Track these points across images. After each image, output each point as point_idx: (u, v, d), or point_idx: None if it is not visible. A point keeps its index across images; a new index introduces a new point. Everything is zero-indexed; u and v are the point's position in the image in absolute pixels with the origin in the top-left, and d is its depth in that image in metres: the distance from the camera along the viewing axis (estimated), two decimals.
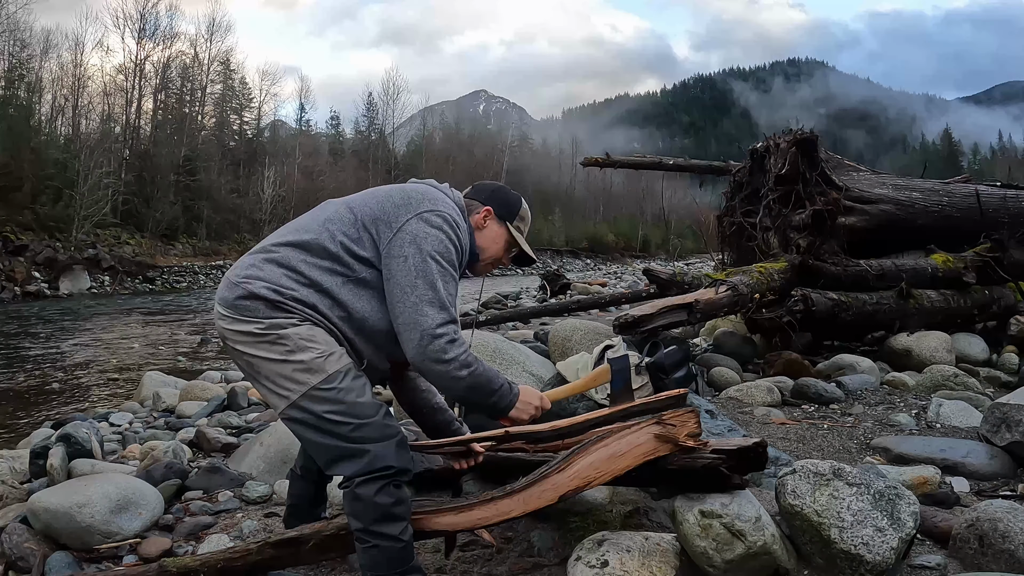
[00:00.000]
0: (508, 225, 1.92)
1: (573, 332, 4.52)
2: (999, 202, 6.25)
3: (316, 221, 1.74)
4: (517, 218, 1.94)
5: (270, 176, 37.88)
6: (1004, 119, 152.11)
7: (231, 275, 1.69)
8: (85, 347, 10.31)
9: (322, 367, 1.60)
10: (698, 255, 35.16)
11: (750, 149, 6.28)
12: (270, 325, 1.61)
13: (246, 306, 1.62)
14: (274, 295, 1.62)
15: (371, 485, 1.60)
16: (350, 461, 1.61)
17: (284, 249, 1.69)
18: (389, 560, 1.63)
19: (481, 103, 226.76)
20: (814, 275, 4.99)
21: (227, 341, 1.67)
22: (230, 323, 1.64)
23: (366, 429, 1.61)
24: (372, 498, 1.60)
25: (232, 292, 1.65)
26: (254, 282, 1.63)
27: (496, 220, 1.90)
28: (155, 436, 4.01)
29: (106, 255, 25.03)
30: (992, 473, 2.53)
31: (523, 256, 1.97)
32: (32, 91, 30.02)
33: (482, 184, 1.99)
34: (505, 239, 1.92)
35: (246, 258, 1.73)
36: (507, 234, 1.92)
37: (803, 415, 3.59)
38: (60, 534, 2.23)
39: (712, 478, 1.71)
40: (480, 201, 1.90)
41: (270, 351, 1.61)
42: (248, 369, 1.67)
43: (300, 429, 1.64)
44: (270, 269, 1.66)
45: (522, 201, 1.98)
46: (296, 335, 1.60)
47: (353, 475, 1.61)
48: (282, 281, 1.64)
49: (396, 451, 1.63)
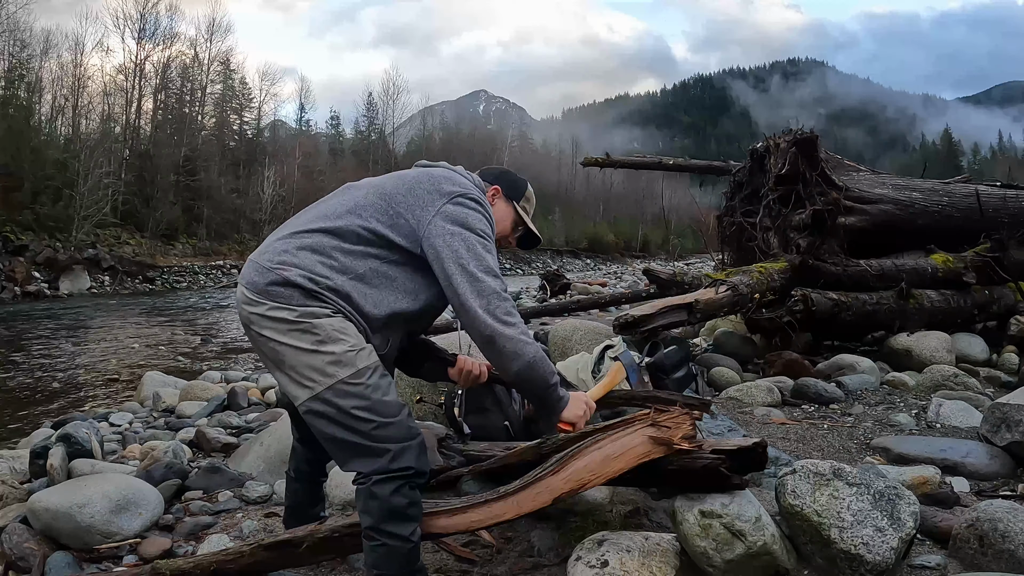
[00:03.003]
0: (515, 204, 1.97)
1: (573, 332, 4.51)
2: (999, 202, 6.26)
3: (345, 207, 1.71)
4: (523, 198, 1.99)
5: (270, 176, 37.89)
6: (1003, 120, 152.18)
7: (262, 260, 1.65)
8: (85, 347, 10.31)
9: (353, 361, 1.57)
10: (698, 255, 35.12)
11: (750, 149, 6.28)
12: (303, 313, 1.58)
13: (280, 292, 1.59)
14: (310, 283, 1.59)
15: (388, 484, 1.58)
16: (368, 459, 1.59)
17: (316, 235, 1.66)
18: (397, 560, 1.62)
19: (481, 103, 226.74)
20: (814, 275, 4.99)
21: (252, 326, 1.63)
22: (258, 307, 1.60)
23: (390, 428, 1.59)
24: (388, 498, 1.58)
25: (264, 277, 1.61)
26: (290, 269, 1.60)
27: (504, 199, 1.95)
28: (155, 436, 4.01)
29: (106, 255, 25.05)
30: (992, 473, 2.53)
31: (529, 235, 2.02)
32: (32, 91, 30.02)
33: (489, 167, 2.05)
34: (512, 218, 1.97)
35: (276, 243, 1.69)
36: (514, 213, 1.97)
37: (803, 415, 3.59)
38: (60, 534, 2.23)
39: (712, 478, 1.71)
40: (488, 181, 1.95)
41: (300, 340, 1.57)
42: (272, 356, 1.62)
43: (320, 423, 1.61)
44: (304, 256, 1.63)
45: (527, 184, 2.03)
46: (329, 326, 1.58)
47: (370, 473, 1.59)
48: (317, 268, 1.61)
49: (417, 453, 1.62)
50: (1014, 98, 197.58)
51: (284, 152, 43.46)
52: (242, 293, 1.65)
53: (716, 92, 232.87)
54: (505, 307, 1.62)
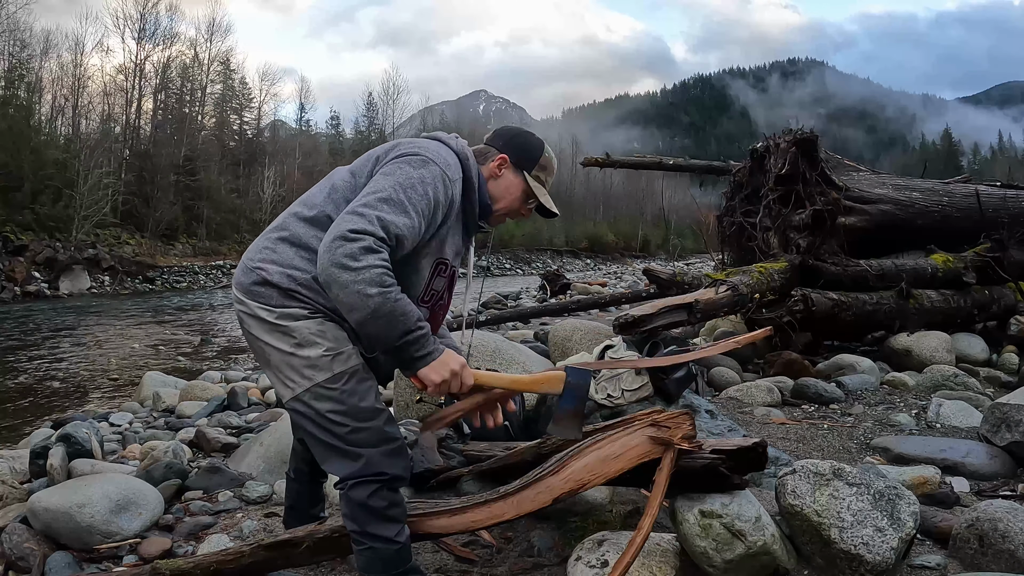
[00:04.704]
0: (526, 175, 1.77)
1: (573, 332, 4.52)
2: (999, 202, 6.26)
3: (323, 192, 1.69)
4: (537, 167, 1.78)
5: (270, 176, 37.89)
6: (1003, 120, 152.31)
7: (246, 258, 1.67)
8: (85, 347, 10.31)
9: (329, 366, 1.57)
10: (698, 255, 35.14)
11: (750, 149, 6.27)
12: (281, 315, 1.58)
13: (260, 292, 1.61)
14: (287, 281, 1.59)
15: (363, 488, 1.59)
16: (343, 461, 1.60)
17: (295, 225, 1.65)
18: (384, 562, 1.62)
19: (481, 103, 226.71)
20: (814, 275, 4.99)
21: (243, 325, 1.66)
22: (244, 307, 1.63)
23: (364, 433, 1.59)
24: (365, 501, 1.59)
25: (248, 277, 1.63)
26: (268, 266, 1.61)
27: (512, 169, 1.76)
28: (155, 436, 4.01)
29: (106, 255, 25.03)
30: (992, 473, 2.53)
31: (543, 209, 1.82)
32: (32, 91, 30.00)
33: (504, 128, 1.85)
34: (521, 189, 1.77)
35: (261, 239, 1.69)
36: (524, 184, 1.77)
37: (803, 415, 3.59)
38: (60, 534, 2.23)
39: (712, 478, 1.71)
40: (497, 148, 1.78)
41: (280, 341, 1.59)
42: (260, 355, 1.66)
43: (301, 421, 1.63)
44: (283, 249, 1.63)
45: (544, 147, 1.81)
46: (305, 328, 1.57)
47: (346, 477, 1.60)
48: (295, 262, 1.60)
49: (391, 458, 1.61)
50: (1014, 98, 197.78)
51: (284, 152, 43.45)
52: (233, 293, 1.68)
53: (715, 92, 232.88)
54: (349, 248, 1.41)
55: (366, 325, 1.45)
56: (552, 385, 1.66)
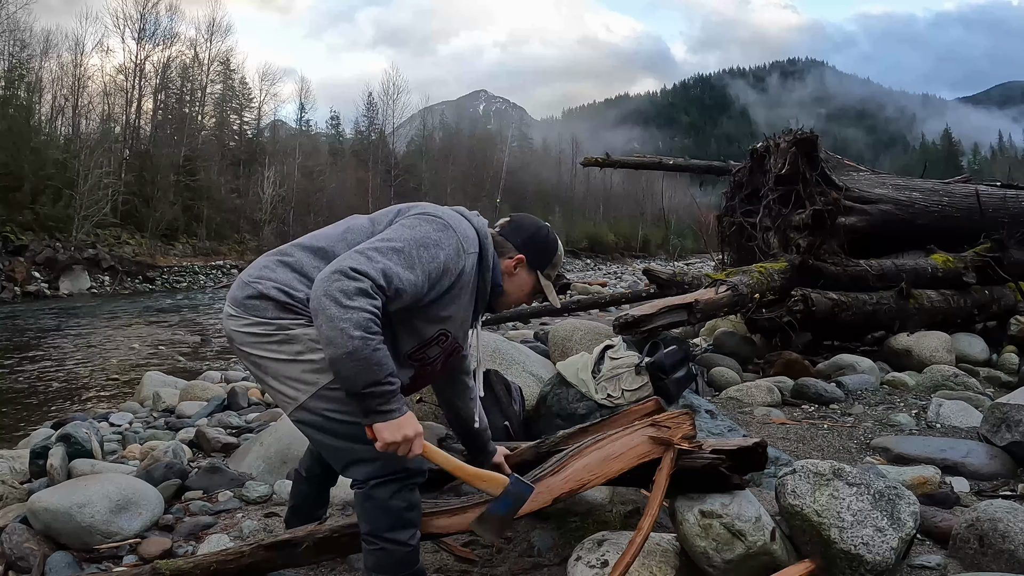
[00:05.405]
0: (539, 273, 1.86)
1: (573, 332, 4.51)
2: (999, 202, 6.26)
3: (337, 230, 1.74)
4: (550, 266, 1.87)
5: (270, 176, 37.84)
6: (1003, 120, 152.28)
7: (244, 275, 1.70)
8: (85, 347, 10.31)
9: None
10: (698, 255, 35.16)
11: (750, 149, 6.28)
12: (279, 326, 1.60)
13: (255, 305, 1.61)
14: (284, 296, 1.61)
15: (386, 488, 1.59)
16: (361, 465, 1.60)
17: (299, 253, 1.68)
18: (395, 563, 1.63)
19: (481, 103, 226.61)
20: (814, 275, 4.99)
21: (234, 342, 1.66)
22: (237, 323, 1.63)
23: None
24: (386, 501, 1.59)
25: (243, 291, 1.65)
26: (265, 282, 1.63)
27: (527, 268, 1.83)
28: (155, 436, 4.01)
29: (106, 255, 25.02)
30: (992, 473, 2.53)
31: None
32: (32, 91, 29.96)
33: (520, 222, 1.88)
34: (532, 286, 1.86)
35: (261, 259, 1.73)
36: (535, 282, 1.86)
37: (803, 415, 3.59)
38: (60, 534, 2.23)
39: (712, 478, 1.71)
40: (515, 245, 1.82)
41: (278, 351, 1.59)
42: (255, 371, 1.66)
43: (310, 431, 1.63)
44: (283, 271, 1.65)
45: (558, 246, 1.90)
46: (306, 335, 1.58)
47: (367, 478, 1.60)
48: (293, 284, 1.62)
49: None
50: (1013, 98, 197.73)
51: (284, 152, 43.41)
52: (225, 309, 1.69)
53: (715, 92, 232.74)
54: (346, 285, 1.43)
55: (339, 363, 1.44)
56: (492, 486, 1.65)
